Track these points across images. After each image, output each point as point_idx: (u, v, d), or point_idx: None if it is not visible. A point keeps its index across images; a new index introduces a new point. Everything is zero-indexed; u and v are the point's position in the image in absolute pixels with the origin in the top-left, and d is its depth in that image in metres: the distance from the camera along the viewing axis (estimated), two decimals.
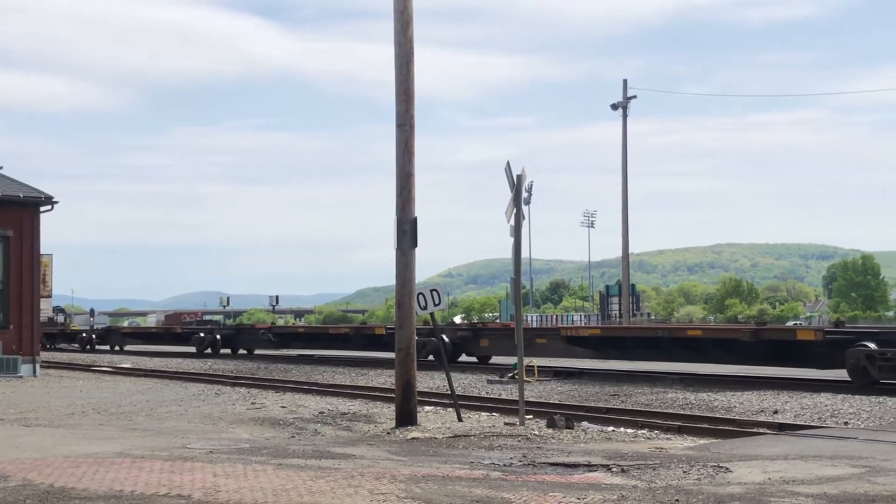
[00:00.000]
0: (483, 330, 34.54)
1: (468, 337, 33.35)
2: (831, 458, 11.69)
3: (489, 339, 32.90)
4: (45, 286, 70.27)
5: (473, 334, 33.56)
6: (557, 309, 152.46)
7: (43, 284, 68.95)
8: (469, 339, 33.25)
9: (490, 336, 33.23)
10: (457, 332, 34.03)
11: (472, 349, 33.27)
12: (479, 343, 32.97)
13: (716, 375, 25.74)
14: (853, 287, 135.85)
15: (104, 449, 13.28)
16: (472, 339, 33.17)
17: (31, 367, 31.95)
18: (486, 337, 33.16)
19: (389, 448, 13.74)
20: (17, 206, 32.40)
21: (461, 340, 33.20)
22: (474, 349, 33.23)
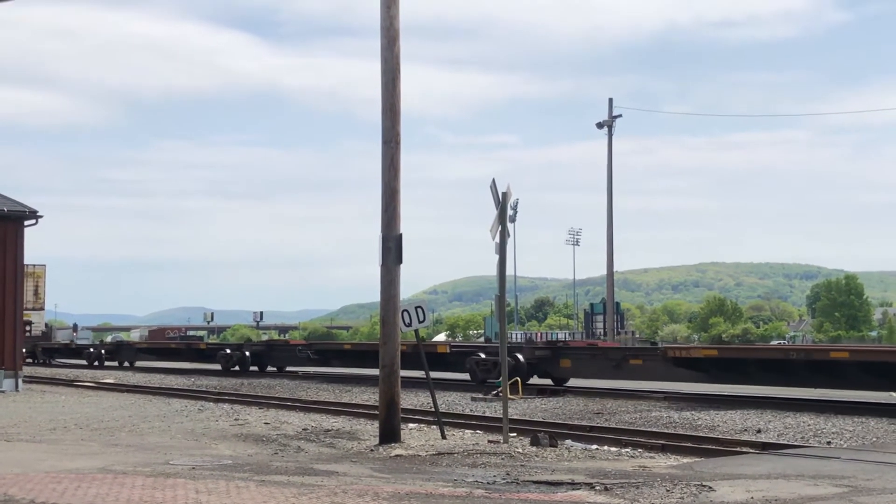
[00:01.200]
0: (565, 349, 31.48)
1: (546, 356, 30.10)
2: (814, 477, 11.71)
3: (571, 359, 29.93)
4: (37, 298, 68.57)
5: (553, 353, 30.35)
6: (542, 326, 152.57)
7: (36, 297, 67.63)
8: (547, 358, 30.03)
9: (573, 356, 30.23)
10: (534, 350, 30.69)
11: (551, 370, 30.09)
12: (559, 363, 29.89)
13: (700, 394, 25.76)
14: (837, 307, 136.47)
15: (86, 464, 13.22)
16: (550, 359, 30.00)
17: (14, 381, 31.78)
18: (567, 356, 30.11)
19: (373, 465, 13.71)
20: (1, 220, 32.27)
21: (538, 360, 29.93)
22: (553, 370, 30.07)
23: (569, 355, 30.20)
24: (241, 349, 44.12)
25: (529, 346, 32.67)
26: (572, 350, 31.16)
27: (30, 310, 67.32)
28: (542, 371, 30.16)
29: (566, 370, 30.02)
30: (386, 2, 16.79)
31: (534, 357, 29.94)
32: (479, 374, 30.04)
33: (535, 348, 31.21)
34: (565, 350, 31.04)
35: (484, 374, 29.98)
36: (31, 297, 67.27)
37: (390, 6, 16.78)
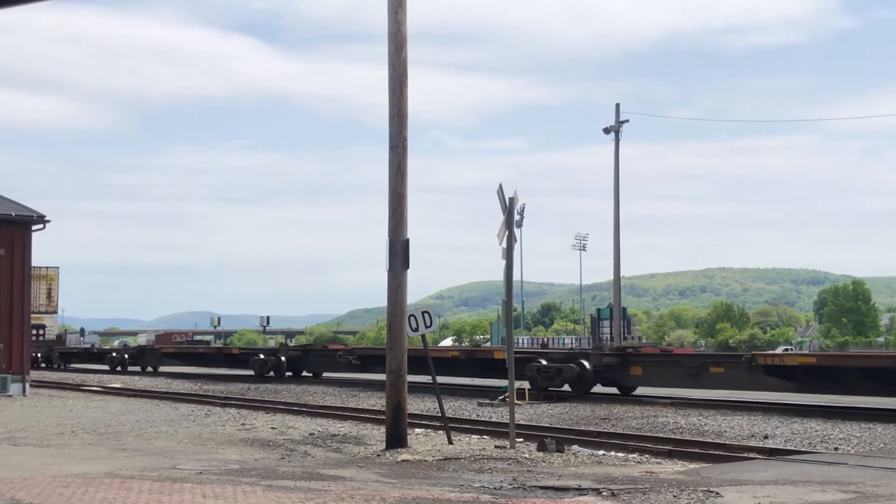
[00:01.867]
0: (635, 355, 29.38)
1: (615, 363, 28.53)
2: (821, 483, 11.69)
3: (642, 367, 28.20)
4: (50, 302, 66.88)
5: (622, 360, 28.68)
6: (548, 331, 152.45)
7: (49, 300, 66.57)
8: (616, 365, 28.51)
9: (645, 363, 28.45)
10: (602, 357, 29.09)
11: (620, 377, 28.67)
12: (629, 371, 28.32)
13: (707, 400, 25.73)
14: (844, 312, 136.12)
15: (93, 469, 13.24)
16: (619, 366, 28.48)
17: (21, 386, 31.84)
18: (638, 363, 28.38)
19: (379, 470, 13.71)
20: (9, 224, 32.34)
21: (605, 367, 28.54)
22: (622, 377, 28.64)
23: (640, 362, 28.51)
24: (276, 354, 42.57)
25: (597, 352, 30.63)
26: (644, 357, 29.21)
27: (42, 313, 66.33)
28: (608, 379, 28.90)
29: (636, 378, 28.57)
30: (393, 7, 16.81)
31: (601, 364, 28.59)
32: (541, 382, 28.72)
33: (604, 355, 29.49)
34: (636, 357, 29.12)
35: (546, 382, 28.68)
36: (44, 300, 65.98)
37: (397, 12, 16.80)
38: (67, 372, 54.66)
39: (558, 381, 28.21)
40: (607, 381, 28.89)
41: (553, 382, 28.50)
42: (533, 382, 29.00)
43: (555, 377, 28.40)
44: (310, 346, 47.54)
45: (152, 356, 54.04)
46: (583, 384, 28.00)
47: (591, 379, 28.22)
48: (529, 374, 29.06)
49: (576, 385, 28.15)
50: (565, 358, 28.65)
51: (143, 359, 53.88)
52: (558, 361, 28.51)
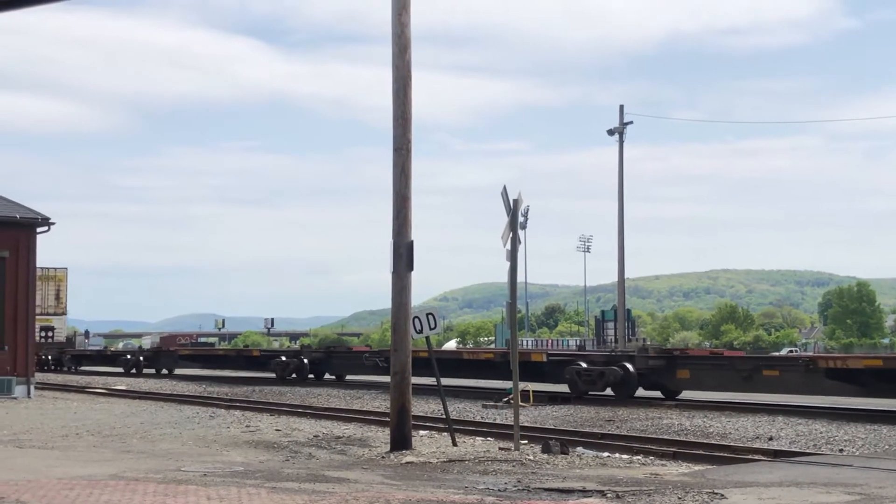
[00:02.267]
0: (682, 357, 28.13)
1: (660, 366, 27.39)
2: (826, 485, 11.68)
3: (690, 370, 27.04)
4: (59, 303, 65.60)
5: (668, 363, 27.46)
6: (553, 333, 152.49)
7: (57, 301, 65.70)
8: (661, 368, 27.38)
9: (693, 365, 27.25)
10: (648, 360, 27.62)
11: (666, 380, 27.56)
12: (676, 374, 27.23)
13: (712, 402, 25.70)
14: (848, 314, 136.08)
15: (98, 471, 13.25)
16: (665, 369, 27.36)
17: (26, 388, 31.88)
18: (685, 366, 27.24)
19: (384, 472, 13.72)
20: (14, 226, 32.40)
21: (649, 370, 27.41)
22: (668, 381, 27.52)
23: (687, 365, 27.36)
24: (298, 356, 41.37)
25: (642, 354, 28.90)
26: (692, 359, 27.98)
27: (51, 314, 65.74)
28: (653, 383, 27.78)
29: (683, 382, 27.44)
30: (397, 10, 16.82)
31: (646, 367, 27.37)
32: (582, 386, 27.81)
33: (649, 357, 28.03)
34: (683, 359, 27.91)
35: (587, 386, 27.74)
36: (53, 301, 65.11)
37: (401, 14, 16.81)
38: (78, 374, 53.76)
39: (600, 384, 27.23)
40: (651, 384, 27.79)
41: (595, 386, 27.54)
42: (572, 386, 28.13)
43: (596, 381, 27.43)
44: (333, 348, 46.09)
45: (168, 358, 52.85)
46: (626, 388, 27.12)
47: (636, 382, 27.22)
48: (569, 378, 28.18)
49: (618, 389, 27.19)
50: (607, 360, 27.69)
51: (158, 361, 52.80)
52: (600, 364, 27.57)
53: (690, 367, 27.20)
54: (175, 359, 52.00)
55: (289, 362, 40.73)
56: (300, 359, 40.68)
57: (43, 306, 63.72)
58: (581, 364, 28.37)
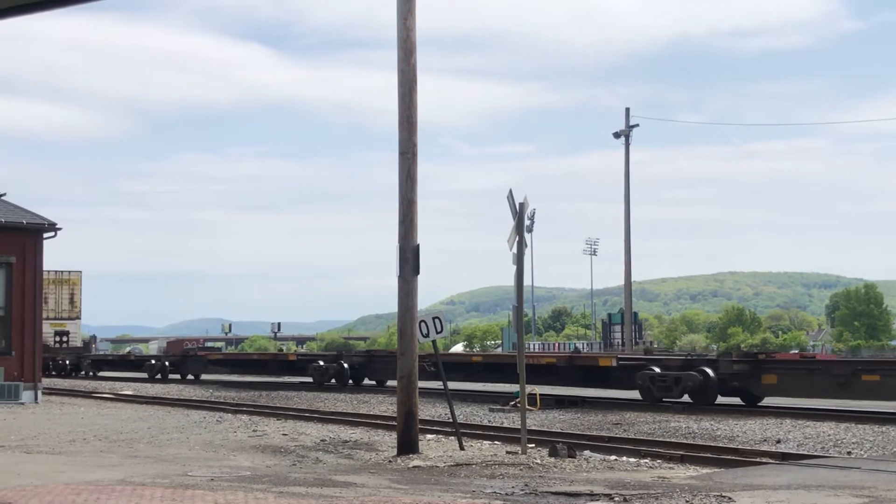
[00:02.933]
0: (769, 362, 26.57)
1: (745, 371, 25.86)
2: (834, 488, 11.65)
3: (778, 375, 25.46)
4: (73, 307, 64.76)
5: (753, 367, 25.94)
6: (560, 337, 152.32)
7: (71, 305, 64.66)
8: (745, 373, 25.86)
9: (780, 370, 25.69)
10: (732, 364, 26.11)
11: (750, 386, 26.04)
12: (761, 379, 25.67)
13: (719, 405, 25.66)
14: (856, 316, 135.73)
15: (105, 476, 13.25)
16: (749, 374, 25.84)
17: (33, 393, 31.89)
18: (773, 371, 25.67)
19: (391, 476, 13.71)
20: (21, 232, 32.43)
21: (731, 375, 25.88)
22: (752, 386, 26.00)
23: (775, 370, 25.79)
24: (338, 361, 39.24)
25: (726, 358, 27.28)
26: (781, 364, 26.49)
27: (65, 319, 65.07)
28: (734, 388, 26.28)
29: (769, 388, 25.86)
30: (402, 14, 16.83)
31: (730, 371, 25.85)
32: (655, 392, 26.35)
33: (733, 361, 26.40)
34: (770, 364, 26.36)
35: (662, 393, 26.32)
36: (67, 305, 64.08)
37: (407, 18, 16.82)
38: (97, 380, 52.47)
39: (677, 391, 25.89)
40: (732, 390, 26.30)
41: (671, 393, 26.18)
42: (645, 393, 26.75)
43: (672, 387, 26.04)
44: (375, 352, 43.81)
45: (196, 363, 50.91)
46: (706, 394, 25.67)
47: (716, 388, 25.79)
48: (641, 384, 26.75)
49: (697, 395, 25.69)
50: (684, 365, 26.35)
51: (185, 366, 50.87)
52: (675, 369, 26.26)
53: (778, 372, 25.70)
54: (204, 364, 50.24)
55: (328, 367, 39.01)
56: (340, 363, 38.81)
57: (57, 311, 63.11)
58: (654, 369, 26.90)
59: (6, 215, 32.64)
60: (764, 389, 26.02)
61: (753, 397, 26.28)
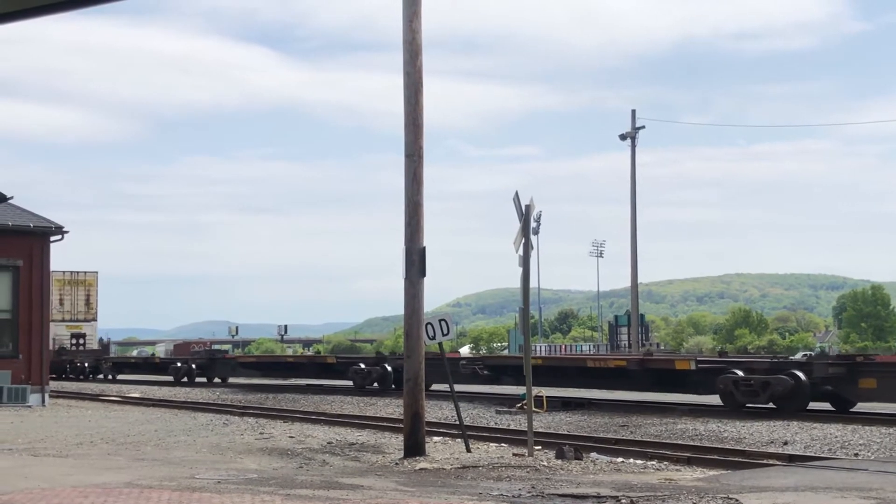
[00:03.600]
0: (868, 364, 24.88)
1: (840, 374, 24.13)
2: (841, 489, 11.63)
3: (878, 379, 23.65)
4: (89, 309, 63.80)
5: (849, 371, 24.12)
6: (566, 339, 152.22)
7: (87, 307, 62.77)
8: (841, 377, 24.11)
9: (880, 373, 23.86)
10: (828, 367, 24.35)
11: (846, 391, 24.34)
12: (858, 383, 23.92)
13: (725, 407, 25.61)
14: (863, 317, 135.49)
15: (113, 479, 13.27)
16: (845, 378, 24.08)
17: (40, 396, 31.95)
18: (872, 375, 23.89)
19: (398, 479, 13.71)
20: (27, 235, 32.51)
21: (823, 379, 24.13)
22: (848, 391, 24.30)
23: (875, 373, 23.95)
24: (381, 363, 37.27)
25: (820, 360, 25.78)
26: (881, 367, 24.50)
27: (80, 321, 63.95)
28: (828, 393, 24.58)
29: (868, 392, 24.03)
30: (408, 16, 16.84)
31: (824, 375, 24.18)
32: (740, 397, 24.86)
33: (828, 364, 24.72)
34: (869, 367, 24.51)
35: (747, 398, 24.77)
36: (83, 307, 62.67)
37: (412, 20, 16.83)
38: (117, 384, 51.24)
39: (764, 396, 24.39)
40: (824, 395, 24.67)
41: (757, 398, 24.68)
42: (727, 398, 25.29)
43: (759, 391, 24.50)
44: None
45: (223, 366, 48.90)
46: (796, 400, 24.09)
47: (808, 393, 24.15)
48: (722, 388, 25.25)
49: (786, 401, 24.08)
50: (771, 368, 24.91)
51: (212, 369, 48.69)
52: (762, 373, 24.83)
53: (878, 376, 23.90)
54: (232, 367, 48.30)
55: (370, 370, 37.05)
56: (383, 366, 36.67)
57: (73, 312, 62.16)
58: (737, 373, 25.39)
59: (13, 219, 32.72)
60: (861, 394, 24.39)
61: (847, 402, 24.90)
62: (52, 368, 58.97)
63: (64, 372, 57.64)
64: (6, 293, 32.34)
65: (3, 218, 32.22)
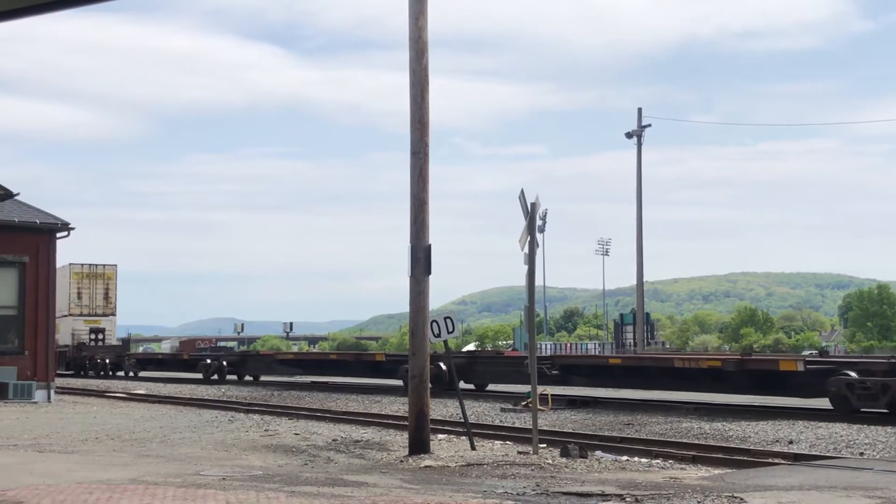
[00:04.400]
0: None
1: None
2: (846, 489, 11.62)
3: None
4: (108, 303, 61.00)
5: None
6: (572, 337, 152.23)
7: (106, 301, 60.27)
8: None
9: None
10: None
11: None
12: None
13: (731, 405, 25.60)
14: (869, 317, 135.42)
15: (118, 475, 13.29)
16: None
17: (46, 392, 32.00)
18: None
19: (402, 476, 13.72)
20: (34, 232, 32.56)
21: None
22: None
23: None
24: (434, 363, 32.59)
25: None
26: None
27: (100, 315, 60.46)
28: None
29: None
30: (415, 14, 16.84)
31: None
32: (854, 402, 22.85)
33: None
34: None
35: (864, 402, 22.70)
36: (102, 301, 60.66)
37: (418, 18, 16.83)
38: (138, 381, 49.52)
39: (883, 400, 22.44)
40: None
41: (875, 402, 22.70)
42: (838, 402, 23.32)
43: (879, 395, 22.49)
44: (477, 354, 38.93)
45: (258, 363, 46.27)
46: None
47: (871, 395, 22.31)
48: (834, 391, 23.36)
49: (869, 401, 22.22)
50: (891, 370, 22.80)
51: (245, 366, 46.29)
52: (881, 374, 22.86)
53: None
54: (268, 364, 45.52)
55: None
56: (437, 365, 32.49)
57: (91, 306, 60.11)
58: (849, 374, 23.48)
59: (20, 215, 32.77)
60: None
61: None
62: (71, 365, 57.40)
63: (83, 368, 56.54)
64: (12, 289, 32.40)
65: (9, 214, 32.27)
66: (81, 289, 60.38)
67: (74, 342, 58.30)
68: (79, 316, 59.78)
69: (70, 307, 59.20)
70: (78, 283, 60.22)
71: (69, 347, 58.10)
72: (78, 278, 60.19)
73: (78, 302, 60.05)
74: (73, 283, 59.63)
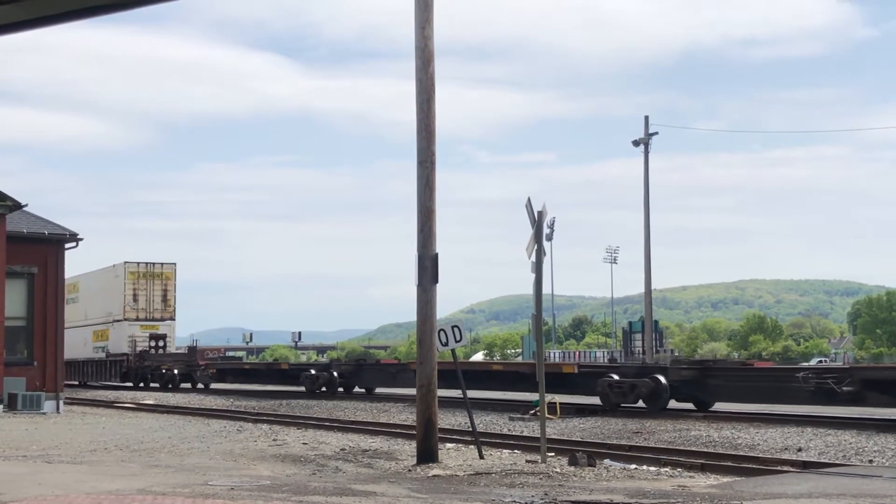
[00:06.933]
0: None
1: None
2: (855, 496, 11.59)
3: None
4: (167, 306, 54.59)
5: None
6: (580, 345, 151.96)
7: (165, 304, 54.41)
8: None
9: None
10: None
11: None
12: None
13: (740, 413, 25.55)
14: (878, 323, 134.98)
15: (126, 486, 13.30)
16: None
17: (55, 403, 32.07)
18: None
19: (410, 485, 13.71)
20: (42, 242, 32.67)
21: None
22: None
23: None
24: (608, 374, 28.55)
25: None
26: None
27: (158, 320, 54.73)
28: None
29: None
30: (420, 22, 16.87)
31: None
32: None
33: None
34: None
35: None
36: (160, 304, 54.38)
37: (425, 27, 16.86)
38: (217, 395, 43.71)
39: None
40: None
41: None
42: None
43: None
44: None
45: (375, 374, 40.29)
46: None
47: None
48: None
49: None
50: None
51: (359, 377, 40.44)
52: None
53: None
54: (393, 374, 38.91)
55: None
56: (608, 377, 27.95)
57: (148, 310, 53.85)
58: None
59: (28, 226, 32.87)
60: None
61: None
62: (130, 375, 51.19)
63: (144, 380, 51.48)
64: (21, 300, 32.49)
65: (17, 225, 32.37)
66: (137, 290, 53.79)
67: (135, 350, 52.49)
68: (135, 321, 53.60)
69: (125, 311, 53.44)
70: (134, 284, 53.61)
71: (128, 356, 52.57)
72: (134, 278, 53.63)
73: (134, 305, 53.65)
74: (129, 283, 53.36)
